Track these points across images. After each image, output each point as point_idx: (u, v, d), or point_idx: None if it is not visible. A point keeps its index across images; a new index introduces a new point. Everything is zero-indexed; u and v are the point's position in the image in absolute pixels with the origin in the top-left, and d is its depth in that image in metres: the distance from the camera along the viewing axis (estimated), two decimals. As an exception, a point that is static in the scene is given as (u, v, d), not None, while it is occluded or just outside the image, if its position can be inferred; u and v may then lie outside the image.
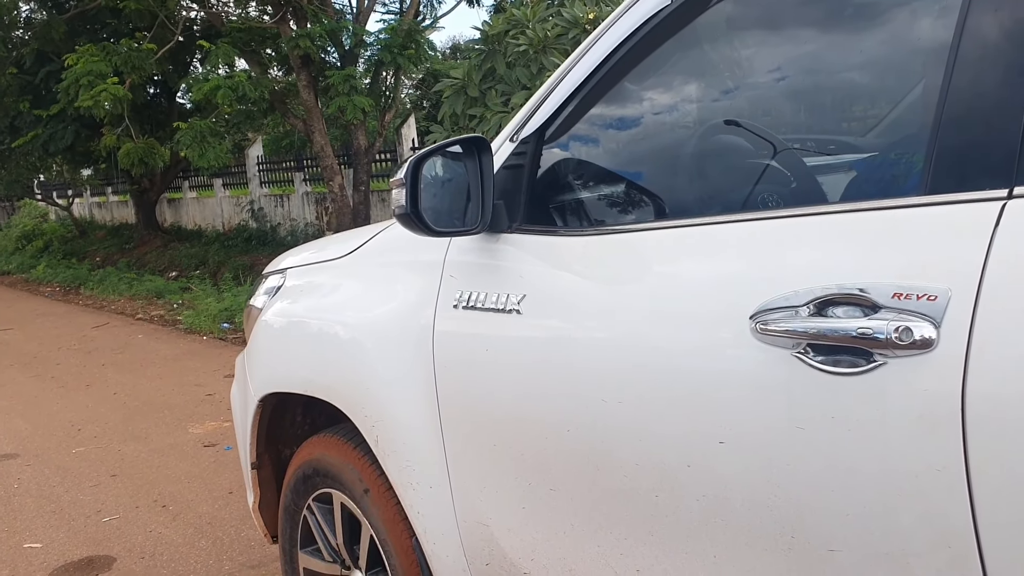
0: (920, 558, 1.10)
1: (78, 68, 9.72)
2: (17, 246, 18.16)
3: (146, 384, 6.42)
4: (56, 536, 3.74)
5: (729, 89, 1.70)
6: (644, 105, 1.68)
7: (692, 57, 1.65)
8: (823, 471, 1.18)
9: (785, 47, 1.56)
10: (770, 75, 1.61)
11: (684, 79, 1.68)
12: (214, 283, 10.73)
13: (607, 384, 1.44)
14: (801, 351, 1.18)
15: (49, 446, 5.03)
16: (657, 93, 1.67)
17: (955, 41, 1.14)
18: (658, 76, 1.66)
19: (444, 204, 1.71)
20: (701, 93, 1.70)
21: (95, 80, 9.58)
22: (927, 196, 1.14)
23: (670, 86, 1.69)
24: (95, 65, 9.67)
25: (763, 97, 1.63)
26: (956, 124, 1.12)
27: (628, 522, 1.46)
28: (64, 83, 10.03)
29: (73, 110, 10.42)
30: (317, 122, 10.57)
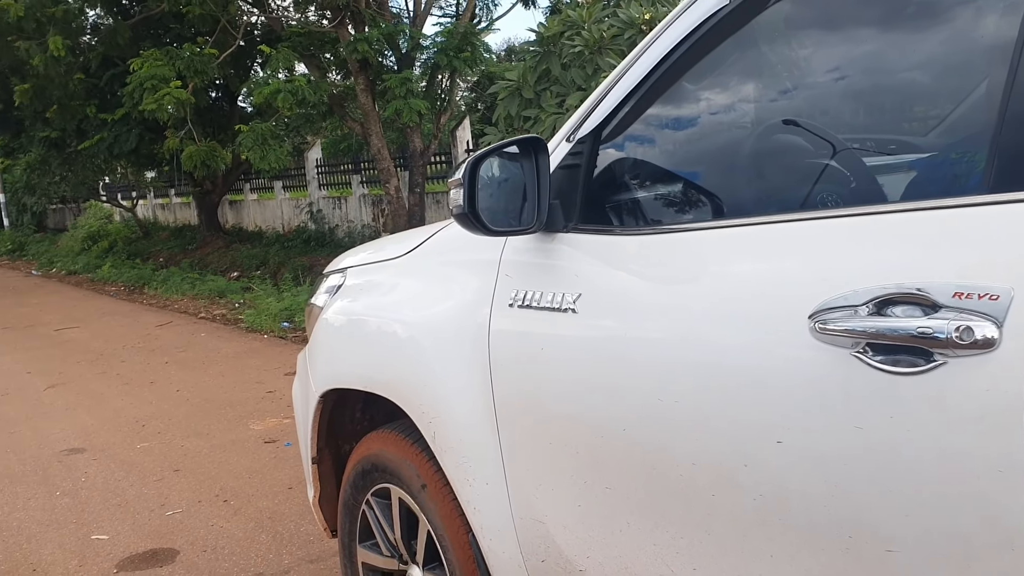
0: (981, 560, 1.09)
1: (142, 72, 9.98)
2: (83, 246, 18.65)
3: (208, 381, 6.56)
4: (121, 528, 3.85)
5: (787, 89, 1.69)
6: (701, 105, 1.69)
7: (750, 57, 1.65)
8: (882, 471, 1.17)
9: (843, 46, 1.55)
10: (828, 75, 1.60)
11: (742, 79, 1.68)
12: (274, 283, 10.92)
13: (663, 383, 1.45)
14: (860, 350, 1.17)
15: (115, 441, 5.17)
16: (714, 93, 1.67)
17: (1020, 38, 1.13)
18: (715, 76, 1.66)
19: (500, 204, 1.73)
20: (759, 93, 1.70)
21: (159, 84, 9.82)
22: (989, 195, 1.13)
23: (727, 86, 1.69)
24: (159, 69, 9.91)
25: (821, 97, 1.62)
26: (1019, 121, 1.11)
27: (684, 521, 1.47)
28: (129, 87, 10.30)
29: (137, 113, 10.69)
30: (374, 125, 10.69)
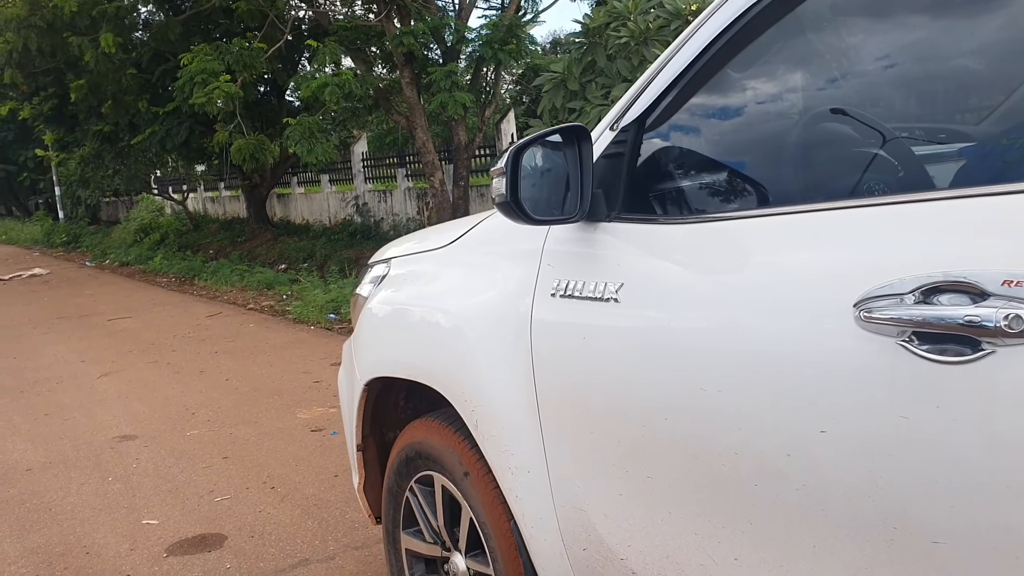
0: (1030, 552, 1.07)
1: (192, 67, 10.14)
2: (135, 239, 19.00)
3: (256, 371, 6.66)
4: (172, 514, 3.93)
5: (834, 77, 1.67)
6: (746, 93, 1.67)
7: (795, 44, 1.63)
8: (928, 462, 1.16)
9: (891, 33, 1.52)
10: (876, 62, 1.58)
11: (787, 67, 1.66)
12: (321, 275, 11.04)
13: (706, 373, 1.45)
14: (906, 339, 1.16)
15: (165, 429, 5.28)
16: (760, 81, 1.66)
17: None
18: (761, 64, 1.65)
19: (543, 193, 1.73)
20: (805, 81, 1.68)
21: (208, 78, 9.98)
22: (1040, 181, 1.10)
23: (773, 74, 1.67)
24: (208, 64, 10.07)
25: (869, 85, 1.60)
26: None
27: (726, 510, 1.46)
28: (179, 82, 10.48)
29: (188, 108, 10.87)
30: (419, 118, 10.75)
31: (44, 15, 10.87)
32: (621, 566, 1.68)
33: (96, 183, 17.07)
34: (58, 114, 16.06)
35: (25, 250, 22.75)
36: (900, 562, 1.21)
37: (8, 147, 29.19)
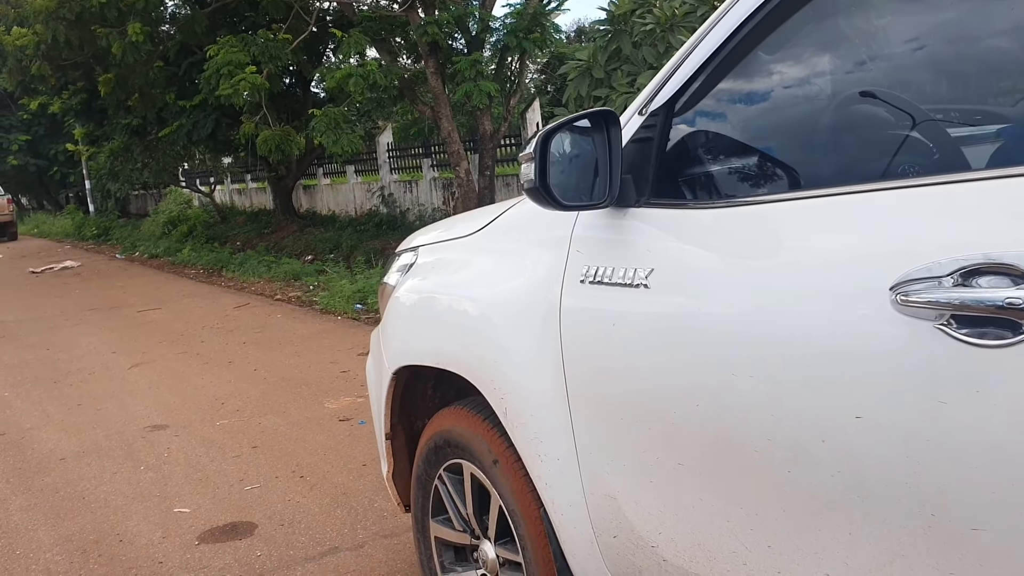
0: (1073, 539, 1.05)
1: (219, 59, 10.20)
2: (164, 231, 19.18)
3: (284, 361, 6.70)
4: (202, 502, 3.96)
5: (865, 59, 1.64)
6: (776, 76, 1.65)
7: (826, 26, 1.60)
8: (967, 448, 1.14)
9: (924, 14, 1.50)
10: (908, 44, 1.55)
11: (818, 49, 1.63)
12: (347, 266, 11.09)
13: (738, 359, 1.43)
14: (944, 323, 1.14)
15: (195, 418, 5.33)
16: (789, 64, 1.63)
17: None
18: (791, 47, 1.62)
19: (572, 179, 1.72)
20: (836, 63, 1.65)
21: (234, 70, 10.03)
22: (1084, 160, 1.08)
23: (803, 57, 1.64)
24: (234, 55, 10.12)
25: (901, 67, 1.57)
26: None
27: (759, 497, 1.45)
28: (206, 74, 10.54)
29: (214, 100, 10.94)
30: (444, 108, 10.74)
31: (72, 7, 10.96)
32: (652, 553, 1.67)
33: (125, 176, 17.23)
34: (87, 108, 16.22)
35: (56, 243, 23.04)
36: (938, 549, 1.19)
37: (39, 142, 29.54)
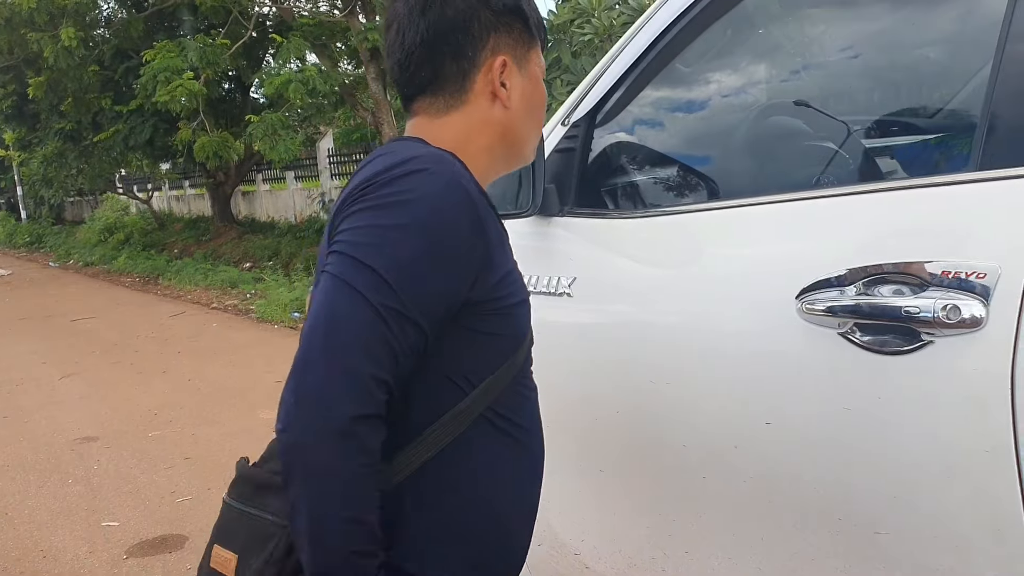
0: (969, 541, 1.08)
1: (155, 64, 10.02)
2: (100, 238, 18.76)
3: (219, 371, 6.59)
4: (132, 515, 3.87)
5: (783, 70, 1.68)
6: (694, 88, 1.67)
7: (743, 38, 1.64)
8: (871, 452, 1.17)
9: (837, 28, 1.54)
10: (824, 56, 1.59)
11: (736, 60, 1.67)
12: (286, 274, 10.96)
13: (656, 365, 1.45)
14: (848, 330, 1.17)
15: (127, 430, 5.21)
16: (708, 75, 1.66)
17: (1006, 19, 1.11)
18: (709, 57, 1.65)
19: (497, 188, 1.72)
20: (754, 74, 1.68)
21: (171, 76, 9.85)
22: (978, 172, 1.11)
23: (721, 67, 1.68)
24: (171, 61, 9.95)
25: (817, 78, 1.61)
26: (1007, 100, 1.10)
27: (677, 503, 1.47)
28: (143, 79, 10.34)
29: (151, 105, 10.74)
30: (386, 114, 10.70)
31: (1, 11, 10.69)
32: (575, 561, 1.68)
33: (59, 182, 16.81)
34: (18, 112, 15.80)
35: (-14, 251, 22.40)
36: (845, 552, 1.22)
37: (-33, 146, 28.71)
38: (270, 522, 1.08)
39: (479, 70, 1.13)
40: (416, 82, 1.14)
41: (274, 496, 1.08)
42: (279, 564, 1.04)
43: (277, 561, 1.04)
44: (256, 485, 1.14)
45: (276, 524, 1.07)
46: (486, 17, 1.12)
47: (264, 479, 1.13)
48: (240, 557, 1.09)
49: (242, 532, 1.11)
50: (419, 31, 1.11)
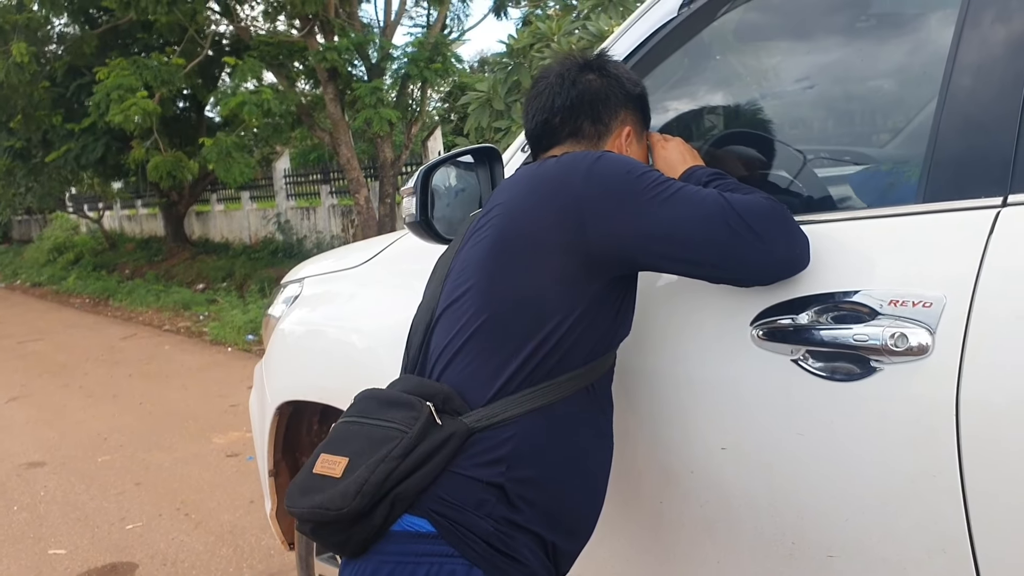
0: (917, 563, 1.11)
1: (108, 82, 9.88)
2: (49, 258, 18.42)
3: (171, 395, 6.49)
4: (80, 543, 3.79)
5: (740, 99, 1.72)
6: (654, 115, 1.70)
7: (699, 69, 1.67)
8: (823, 477, 1.19)
9: (793, 58, 1.57)
10: (779, 85, 1.63)
11: (692, 90, 1.70)
12: (240, 295, 10.84)
13: (616, 390, 1.46)
14: (800, 357, 1.19)
15: (75, 455, 5.10)
16: (665, 104, 1.69)
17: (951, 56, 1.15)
18: (667, 87, 1.68)
19: (457, 213, 1.74)
20: (708, 104, 1.72)
21: (125, 94, 9.73)
22: (924, 204, 1.15)
23: (678, 97, 1.71)
24: (125, 79, 9.82)
25: (769, 108, 1.65)
26: (952, 134, 1.14)
27: (634, 527, 1.48)
28: (95, 97, 10.20)
29: (104, 124, 10.59)
30: (343, 135, 10.67)
31: (-51, 26, 10.51)
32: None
33: (7, 201, 16.49)
34: (-36, 128, 15.49)
35: (-70, 270, 21.84)
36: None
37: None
38: (391, 427, 1.24)
39: (611, 134, 1.43)
40: (559, 135, 1.44)
41: (397, 410, 1.26)
42: (397, 460, 1.20)
43: (396, 458, 1.20)
44: (380, 401, 1.32)
45: (397, 430, 1.23)
46: (620, 96, 1.43)
47: (390, 396, 1.32)
48: (352, 459, 1.24)
49: (357, 440, 1.27)
50: (569, 97, 1.41)
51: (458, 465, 1.22)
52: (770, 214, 1.20)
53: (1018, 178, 1.05)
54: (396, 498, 1.20)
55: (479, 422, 1.23)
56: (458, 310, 1.32)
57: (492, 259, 1.31)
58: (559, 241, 1.25)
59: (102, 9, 12.43)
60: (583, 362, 1.28)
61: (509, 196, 1.36)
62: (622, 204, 1.23)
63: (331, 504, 1.20)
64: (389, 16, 11.21)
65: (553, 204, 1.27)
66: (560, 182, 1.29)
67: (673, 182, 1.25)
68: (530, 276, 1.27)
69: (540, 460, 1.25)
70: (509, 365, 1.25)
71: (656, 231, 1.22)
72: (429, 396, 1.26)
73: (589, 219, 1.24)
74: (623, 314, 1.33)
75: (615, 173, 1.26)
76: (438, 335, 1.35)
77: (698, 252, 1.22)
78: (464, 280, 1.34)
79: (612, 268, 1.27)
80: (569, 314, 1.25)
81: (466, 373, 1.28)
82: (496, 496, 1.22)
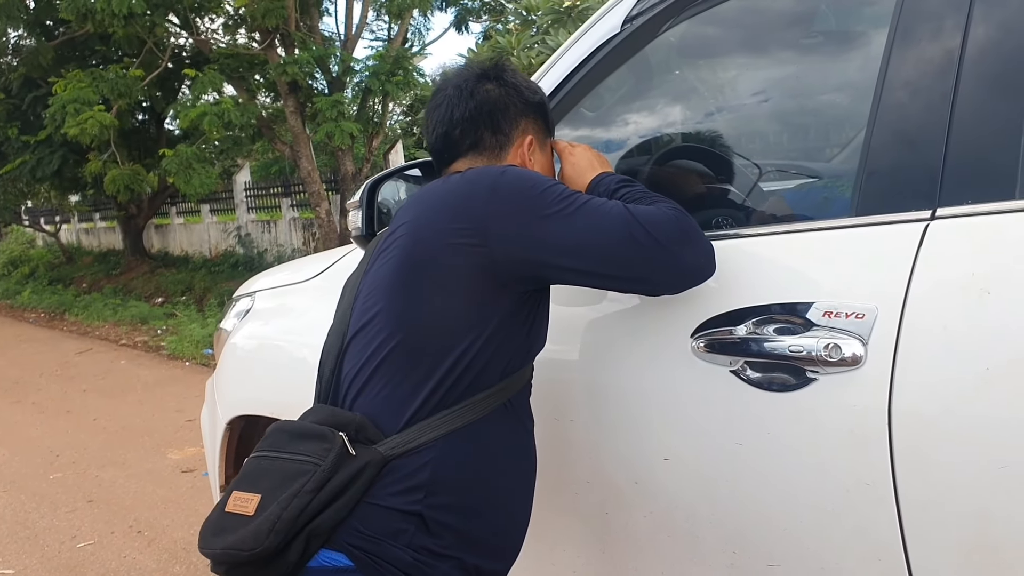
0: (852, 571, 1.13)
1: (65, 95, 9.75)
2: (3, 272, 18.09)
3: (127, 410, 6.39)
4: (29, 562, 3.71)
5: (683, 114, 1.74)
6: (598, 130, 1.72)
7: (644, 84, 1.69)
8: (761, 487, 1.21)
9: (734, 72, 1.60)
10: (722, 100, 1.65)
11: (637, 105, 1.72)
12: (199, 309, 10.71)
13: (560, 404, 1.47)
14: (739, 368, 1.21)
15: (26, 472, 5.00)
16: (611, 118, 1.71)
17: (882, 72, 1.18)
18: (612, 102, 1.70)
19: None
20: (654, 119, 1.74)
21: (82, 107, 9.60)
22: (857, 218, 1.17)
23: (624, 110, 1.73)
24: (82, 92, 9.70)
25: (715, 123, 1.67)
26: (883, 149, 1.16)
27: (580, 539, 1.48)
28: (51, 110, 10.06)
29: (60, 136, 10.44)
30: (304, 148, 10.62)
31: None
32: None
33: (-40, 214, 16.21)
34: (-83, 141, 15.19)
35: None
36: (740, 585, 1.25)
37: None
38: (304, 460, 1.22)
39: (513, 144, 1.41)
40: (459, 148, 1.42)
41: (309, 442, 1.24)
42: (310, 495, 1.18)
43: (309, 492, 1.18)
44: (291, 434, 1.29)
45: (310, 463, 1.21)
46: (519, 105, 1.42)
47: (302, 428, 1.29)
48: (264, 495, 1.21)
49: (269, 475, 1.24)
50: (467, 108, 1.40)
51: (374, 495, 1.20)
52: (674, 224, 1.21)
53: (946, 192, 1.08)
54: (311, 533, 1.18)
55: (394, 449, 1.21)
56: (368, 334, 1.30)
57: (399, 280, 1.29)
58: (465, 261, 1.24)
59: (59, 21, 12.27)
60: (498, 379, 1.27)
61: (414, 214, 1.34)
62: (526, 220, 1.23)
63: (243, 545, 1.17)
64: (350, 29, 11.19)
65: (457, 223, 1.26)
66: (464, 200, 1.28)
67: (578, 196, 1.26)
68: (439, 296, 1.25)
69: (459, 484, 1.24)
70: (423, 388, 1.23)
71: (561, 246, 1.22)
72: (342, 426, 1.24)
73: (494, 237, 1.23)
74: (536, 328, 1.33)
75: (518, 189, 1.26)
76: (349, 360, 1.33)
77: (603, 265, 1.22)
78: (373, 303, 1.32)
79: (520, 284, 1.27)
80: (481, 333, 1.24)
81: (379, 399, 1.26)
82: (415, 525, 1.20)
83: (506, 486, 1.30)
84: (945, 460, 1.03)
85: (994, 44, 1.10)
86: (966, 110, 1.09)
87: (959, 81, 1.10)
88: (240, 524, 1.19)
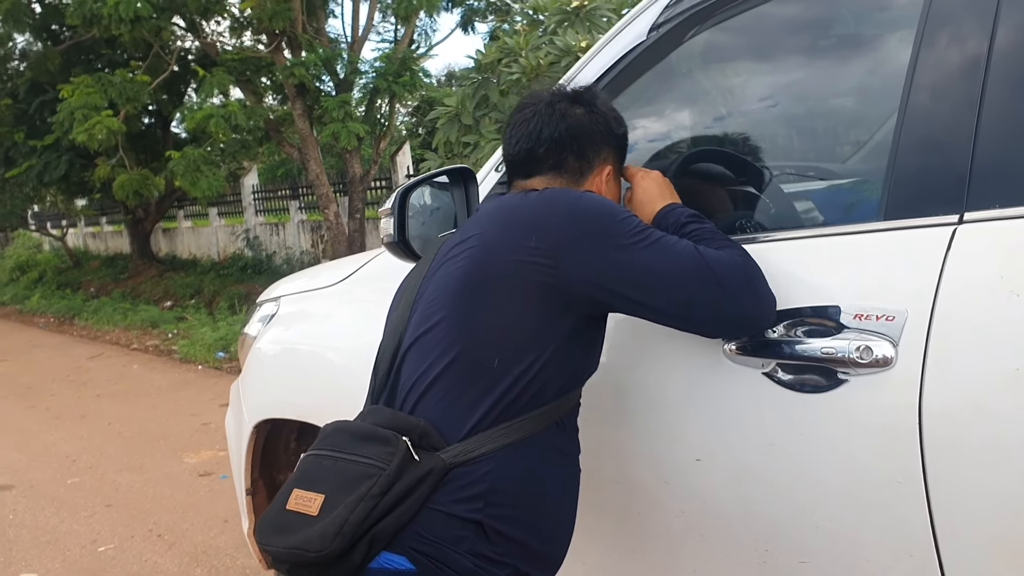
0: (885, 568, 1.15)
1: (73, 101, 9.77)
2: (11, 277, 18.14)
3: (141, 414, 6.43)
4: (51, 567, 3.75)
5: (706, 119, 1.76)
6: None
7: (669, 89, 1.71)
8: (793, 486, 1.23)
9: (755, 79, 1.62)
10: (745, 105, 1.67)
11: (660, 109, 1.74)
12: (209, 312, 10.74)
13: (590, 404, 1.49)
14: (771, 370, 1.23)
15: (44, 477, 5.04)
16: (633, 123, 1.73)
17: (909, 76, 1.20)
18: (637, 107, 1.72)
19: (432, 232, 1.76)
20: (679, 123, 1.76)
21: (90, 113, 9.64)
22: (886, 221, 1.20)
23: (649, 116, 1.75)
24: (90, 98, 9.72)
25: (738, 126, 1.69)
26: (910, 154, 1.19)
27: (611, 539, 1.51)
28: (59, 116, 10.09)
29: (67, 141, 10.48)
30: (312, 150, 10.65)
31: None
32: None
33: (-32, 219, 16.26)
34: (-76, 147, 15.25)
35: None
36: (772, 582, 1.28)
37: None
38: (368, 463, 1.24)
39: (593, 171, 1.44)
40: (541, 166, 1.44)
41: (373, 445, 1.26)
42: (376, 499, 1.19)
43: (375, 496, 1.20)
44: (353, 435, 1.31)
45: (375, 466, 1.23)
46: (605, 135, 1.44)
47: (364, 430, 1.30)
48: (328, 496, 1.23)
49: (331, 476, 1.26)
50: (557, 129, 1.41)
51: (436, 502, 1.22)
52: (741, 271, 1.23)
53: (973, 196, 1.10)
54: (375, 537, 1.20)
55: (456, 457, 1.24)
56: (430, 341, 1.32)
57: (466, 292, 1.31)
58: (535, 279, 1.26)
59: (65, 25, 12.32)
60: (555, 397, 1.29)
61: (487, 227, 1.36)
62: (600, 247, 1.25)
63: (310, 546, 1.19)
64: (357, 31, 11.22)
65: (531, 241, 1.28)
66: (541, 219, 1.30)
67: (652, 231, 1.28)
68: (504, 312, 1.27)
69: (516, 495, 1.26)
70: (484, 400, 1.26)
71: (630, 278, 1.25)
72: (405, 431, 1.25)
73: (566, 259, 1.25)
74: (593, 351, 1.36)
75: (596, 215, 1.28)
76: (409, 365, 1.35)
77: (667, 303, 1.24)
78: (436, 310, 1.34)
79: (585, 307, 1.29)
80: (543, 351, 1.26)
81: (441, 407, 1.28)
82: (474, 532, 1.23)
83: (557, 499, 1.33)
84: (975, 459, 1.06)
85: (1021, 47, 1.12)
86: (993, 114, 1.11)
87: (986, 85, 1.12)
88: (304, 524, 1.22)
